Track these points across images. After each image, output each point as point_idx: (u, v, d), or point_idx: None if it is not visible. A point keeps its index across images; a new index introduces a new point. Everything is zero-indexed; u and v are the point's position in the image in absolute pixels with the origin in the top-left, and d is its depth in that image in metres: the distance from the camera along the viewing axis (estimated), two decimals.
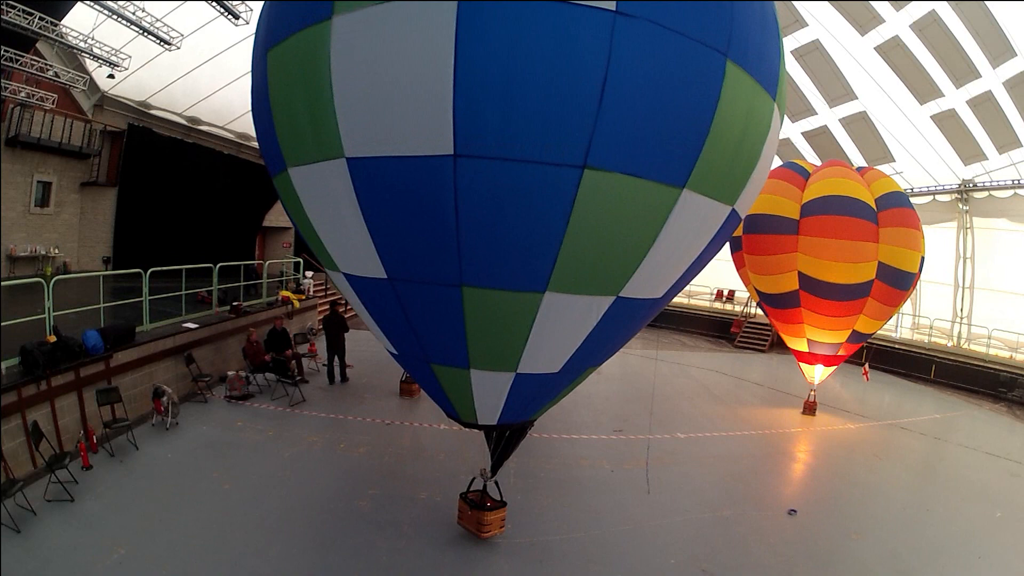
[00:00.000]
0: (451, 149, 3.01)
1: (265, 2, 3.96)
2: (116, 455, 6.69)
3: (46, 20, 10.28)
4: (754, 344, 17.28)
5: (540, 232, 3.25)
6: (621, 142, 3.05)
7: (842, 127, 15.54)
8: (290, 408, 8.67)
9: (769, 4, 3.78)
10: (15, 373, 6.27)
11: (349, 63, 3.09)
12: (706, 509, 6.26)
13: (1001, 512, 6.82)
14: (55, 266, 13.74)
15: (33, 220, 13.49)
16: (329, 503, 5.95)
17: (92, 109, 14.43)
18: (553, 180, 3.07)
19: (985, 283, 15.44)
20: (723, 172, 3.57)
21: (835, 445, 8.88)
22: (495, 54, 2.86)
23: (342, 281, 4.28)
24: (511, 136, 2.97)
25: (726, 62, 3.21)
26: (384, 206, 3.38)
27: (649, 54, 2.97)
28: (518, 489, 6.26)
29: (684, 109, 3.16)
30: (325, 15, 3.12)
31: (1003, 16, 12.00)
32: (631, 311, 3.99)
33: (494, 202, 3.15)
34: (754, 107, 3.54)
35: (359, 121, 3.17)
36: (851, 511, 6.52)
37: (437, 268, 3.47)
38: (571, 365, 4.19)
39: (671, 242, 3.59)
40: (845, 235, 8.64)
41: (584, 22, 2.85)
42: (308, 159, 3.57)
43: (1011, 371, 13.33)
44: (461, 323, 3.68)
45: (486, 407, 4.36)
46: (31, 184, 13.31)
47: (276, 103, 3.64)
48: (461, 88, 2.88)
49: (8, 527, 5.03)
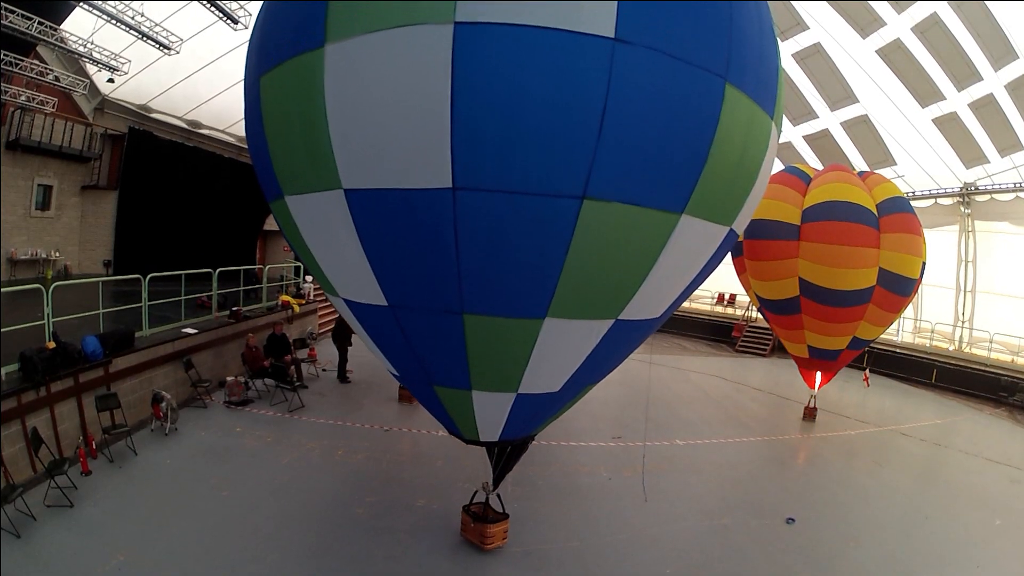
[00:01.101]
0: (450, 182, 2.99)
1: (256, 26, 3.91)
2: (115, 461, 6.71)
3: (45, 24, 10.30)
4: (755, 348, 17.26)
5: (540, 261, 3.26)
6: (620, 172, 3.04)
7: (843, 130, 15.50)
8: (289, 414, 8.69)
9: (767, 18, 3.75)
10: (15, 379, 6.29)
11: (343, 93, 3.05)
12: (704, 517, 6.25)
13: (1000, 520, 6.80)
14: (56, 269, 13.79)
15: (34, 223, 13.54)
16: (327, 510, 5.95)
17: (93, 112, 14.48)
18: (553, 211, 3.06)
19: (987, 286, 15.39)
20: (721, 194, 3.57)
21: (835, 451, 8.85)
22: (492, 84, 2.82)
23: (342, 305, 4.28)
24: (510, 168, 2.96)
25: (725, 85, 3.18)
26: (383, 236, 3.37)
27: (648, 82, 2.94)
28: (516, 497, 6.25)
29: (683, 135, 3.15)
30: (318, 43, 3.06)
31: (1005, 18, 11.97)
32: (630, 332, 4.02)
33: (494, 233, 3.14)
34: (752, 127, 3.52)
35: (355, 153, 3.14)
36: (850, 518, 6.50)
37: (438, 296, 3.47)
38: (571, 384, 4.22)
39: (669, 265, 3.60)
40: (846, 241, 8.59)
41: (583, 50, 2.81)
42: (305, 189, 3.55)
43: (1012, 375, 13.29)
44: (463, 348, 3.70)
45: (488, 425, 4.39)
46: (32, 187, 13.36)
47: (270, 130, 3.61)
48: (459, 121, 2.85)
49: (8, 532, 5.05)
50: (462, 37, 2.76)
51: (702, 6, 3.13)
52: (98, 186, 14.84)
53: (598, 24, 2.80)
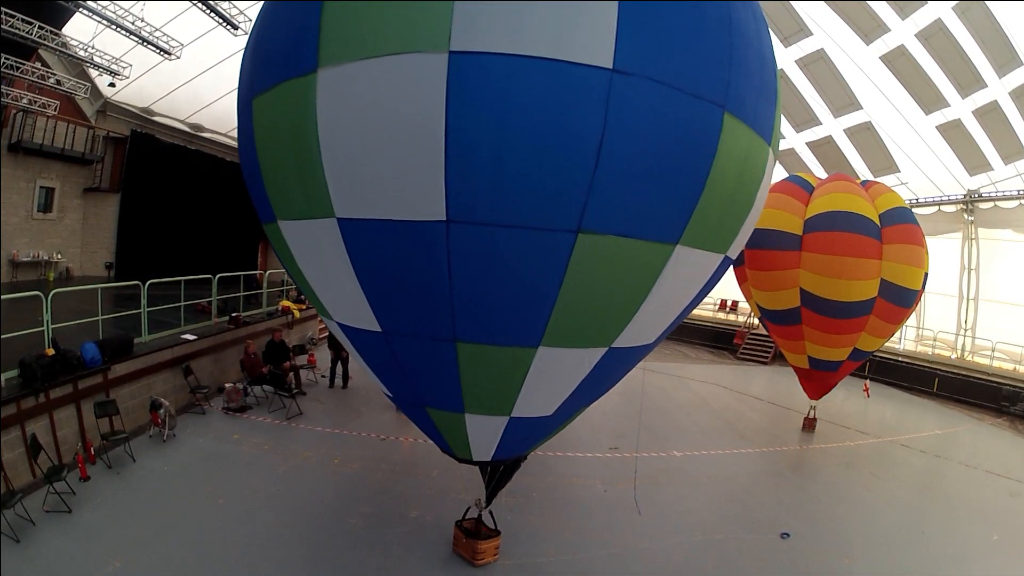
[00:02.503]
0: (443, 215, 2.96)
1: (248, 45, 3.87)
2: (114, 467, 6.76)
3: (46, 29, 10.36)
4: (757, 356, 17.18)
5: (534, 293, 3.25)
6: (616, 205, 3.00)
7: (847, 137, 15.42)
8: (286, 421, 8.71)
9: (767, 43, 3.70)
10: (14, 386, 6.35)
11: (336, 121, 3.01)
12: (697, 531, 6.23)
13: (998, 535, 6.75)
14: (58, 271, 13.90)
15: (36, 225, 13.65)
16: (321, 519, 5.98)
17: (95, 115, 14.57)
18: (547, 244, 3.04)
19: (989, 294, 15.29)
20: (717, 224, 3.55)
21: (833, 463, 8.81)
22: (488, 116, 2.77)
23: (335, 327, 4.29)
24: (505, 202, 2.92)
25: (723, 115, 3.13)
26: (377, 265, 3.36)
27: (646, 114, 2.89)
28: (510, 509, 6.25)
29: (680, 167, 3.11)
30: (310, 68, 3.02)
31: (1009, 24, 11.87)
32: (623, 358, 4.03)
33: (488, 265, 3.12)
34: (750, 155, 3.48)
35: (349, 183, 3.11)
36: (845, 533, 6.47)
37: (431, 324, 3.47)
38: (564, 408, 4.23)
39: (664, 294, 3.59)
40: (848, 252, 8.51)
41: (580, 82, 2.76)
42: (298, 215, 3.53)
43: (1014, 385, 13.19)
44: (456, 374, 3.70)
45: (481, 446, 4.40)
46: (34, 190, 13.46)
47: (263, 154, 3.59)
48: (453, 153, 2.80)
49: (8, 537, 5.13)
50: (457, 67, 2.72)
51: (703, 34, 3.08)
52: (100, 189, 14.94)
53: (596, 54, 2.76)
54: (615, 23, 2.76)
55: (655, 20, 2.89)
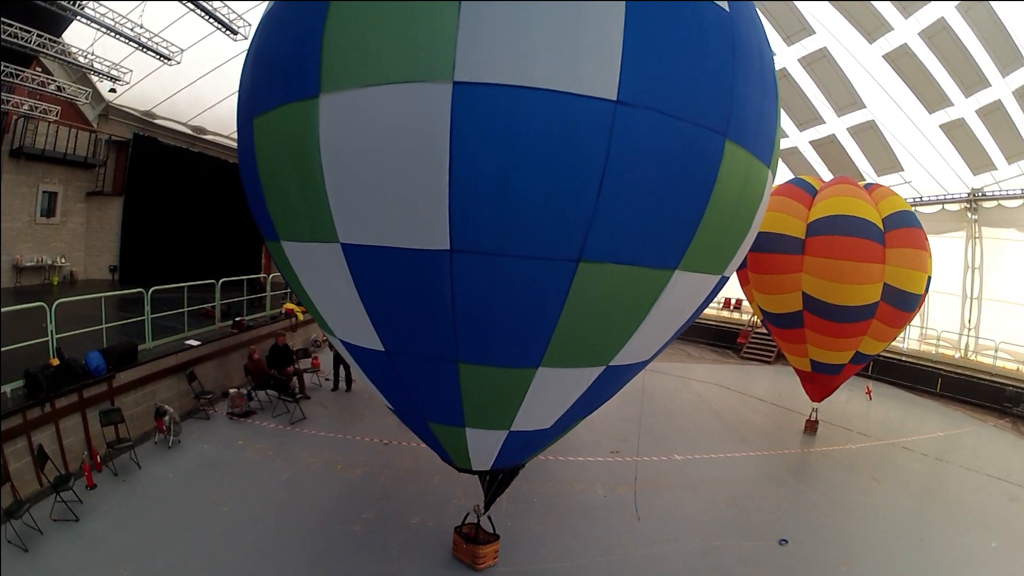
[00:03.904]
0: (447, 244, 2.99)
1: (248, 60, 3.84)
2: (119, 474, 6.85)
3: (45, 37, 10.38)
4: (760, 355, 17.13)
5: (535, 319, 3.30)
6: (617, 235, 3.03)
7: (850, 136, 15.33)
8: (290, 426, 8.78)
9: (768, 59, 3.68)
10: (20, 396, 6.43)
11: (339, 148, 3.00)
12: (695, 538, 6.27)
13: (997, 541, 6.75)
14: (62, 275, 13.99)
15: (39, 230, 13.73)
16: (323, 526, 6.05)
17: (97, 119, 14.61)
18: (549, 273, 3.08)
19: (993, 294, 15.23)
20: (715, 248, 3.58)
21: (833, 467, 8.82)
22: (491, 147, 2.77)
23: (338, 343, 4.34)
24: (508, 233, 2.95)
25: (725, 142, 3.14)
26: (381, 289, 3.39)
27: (648, 145, 2.90)
28: (509, 515, 6.31)
29: (682, 196, 3.13)
30: (312, 92, 3.00)
31: (1013, 24, 11.76)
32: (620, 374, 4.09)
33: (490, 292, 3.16)
34: (749, 180, 3.49)
35: (352, 210, 3.12)
36: (843, 540, 6.49)
37: (434, 346, 3.52)
38: (562, 420, 4.31)
39: (661, 316, 3.63)
40: (851, 256, 8.48)
41: (584, 113, 2.75)
42: (301, 238, 3.55)
43: (1017, 385, 13.15)
44: (457, 392, 3.76)
45: (480, 457, 4.47)
46: (36, 194, 13.53)
47: (265, 174, 3.59)
48: (457, 184, 2.81)
49: (17, 546, 5.22)
50: (461, 97, 2.70)
51: (707, 62, 3.07)
52: (103, 192, 15.01)
53: (600, 86, 2.74)
54: (619, 54, 2.75)
55: (660, 50, 2.88)
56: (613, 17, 2.76)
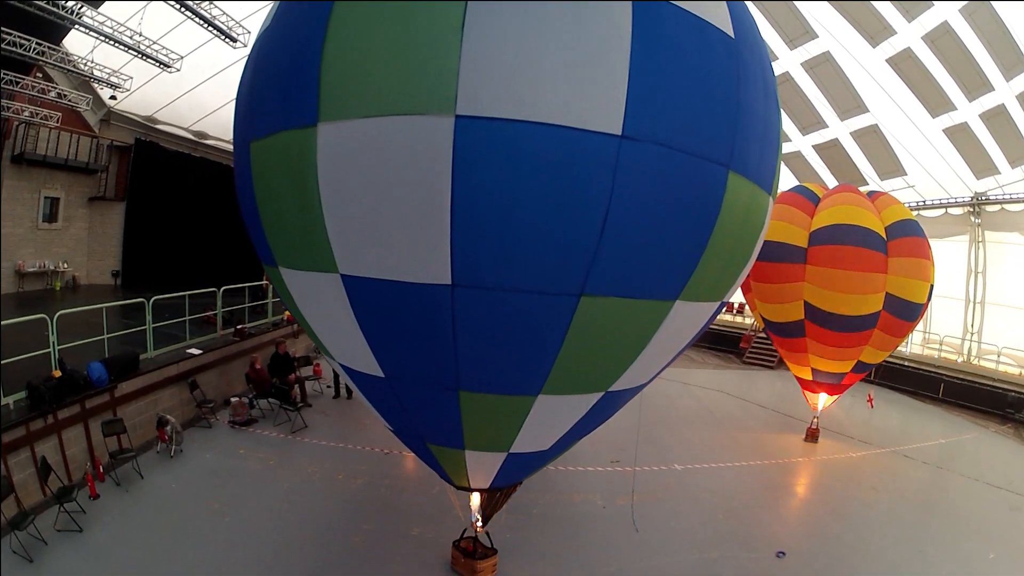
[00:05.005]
0: (448, 279, 2.96)
1: (243, 79, 3.77)
2: (122, 484, 6.89)
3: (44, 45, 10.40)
4: (763, 360, 17.06)
5: (536, 350, 3.30)
6: (620, 270, 3.01)
7: (853, 140, 15.27)
8: (292, 435, 8.82)
9: (772, 86, 3.63)
10: (23, 407, 6.48)
11: (338, 180, 2.95)
12: (693, 549, 6.28)
13: (995, 552, 6.75)
14: (64, 281, 14.05)
15: (41, 235, 13.78)
16: (324, 537, 6.08)
17: (99, 124, 14.65)
18: (551, 307, 3.06)
19: (996, 298, 15.17)
20: (716, 278, 3.57)
21: (834, 477, 8.81)
22: (494, 182, 2.72)
23: (337, 366, 4.35)
24: (510, 269, 2.92)
25: (728, 173, 3.11)
26: (381, 319, 3.38)
27: (652, 179, 2.86)
28: (508, 526, 6.32)
29: (684, 229, 3.11)
30: (310, 120, 2.93)
31: (1017, 27, 11.68)
32: (619, 398, 4.14)
33: (491, 325, 3.15)
34: (751, 208, 3.47)
35: (352, 243, 3.10)
36: (841, 552, 6.49)
37: (434, 374, 3.52)
38: (561, 442, 4.34)
39: (660, 344, 3.63)
40: (853, 266, 8.46)
41: (588, 149, 2.70)
42: (300, 266, 3.52)
43: (1018, 391, 13.11)
44: (458, 418, 3.77)
45: (479, 476, 4.51)
46: (38, 200, 13.58)
47: (263, 202, 3.56)
48: (459, 219, 2.77)
49: (21, 556, 5.29)
50: (463, 131, 2.63)
51: (712, 94, 3.02)
52: (105, 197, 15.07)
53: (605, 121, 2.69)
54: (625, 88, 2.69)
55: (665, 82, 2.83)
56: (619, 49, 2.70)
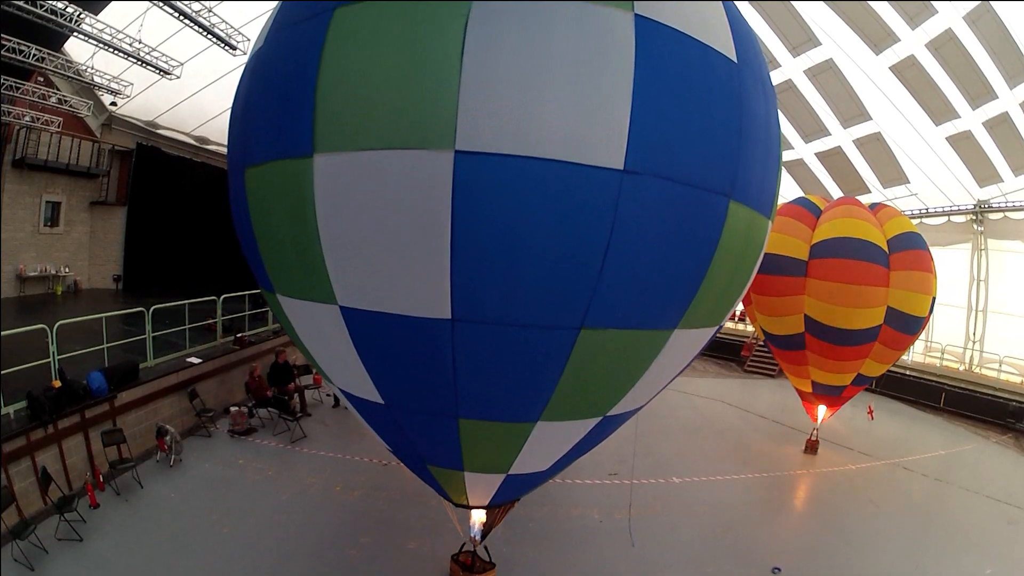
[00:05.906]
0: (448, 314, 2.95)
1: (237, 100, 3.76)
2: (122, 493, 6.93)
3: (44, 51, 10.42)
4: (764, 369, 16.98)
5: (535, 381, 3.31)
6: (620, 303, 3.00)
7: (856, 148, 15.22)
8: (291, 445, 8.83)
9: (773, 111, 3.62)
10: (23, 417, 6.52)
11: (336, 212, 2.90)
12: (690, 564, 6.28)
13: (992, 567, 6.72)
14: (65, 285, 14.10)
15: (43, 240, 13.81)
16: (321, 550, 6.11)
17: (100, 129, 14.68)
18: (551, 340, 3.06)
19: (998, 306, 15.11)
20: (715, 305, 3.56)
21: (832, 490, 8.79)
22: (494, 218, 2.70)
23: (336, 390, 4.36)
24: (510, 304, 2.91)
25: (729, 203, 3.10)
26: (380, 351, 3.37)
27: (653, 213, 2.84)
28: (505, 540, 6.32)
29: (684, 261, 3.09)
30: (305, 150, 2.89)
31: (1021, 34, 11.61)
32: (617, 421, 4.16)
33: (491, 358, 3.15)
34: (750, 235, 3.46)
35: (350, 275, 3.07)
36: (838, 568, 6.46)
37: (434, 403, 3.52)
38: (559, 463, 4.38)
39: (659, 369, 3.64)
40: (854, 280, 8.39)
41: (590, 184, 2.68)
42: (298, 295, 3.49)
43: (1020, 400, 13.06)
44: (457, 443, 3.78)
45: (478, 495, 4.52)
46: (40, 204, 13.61)
47: (260, 230, 3.52)
48: (459, 255, 2.75)
49: (22, 564, 5.36)
50: (463, 167, 2.60)
51: (714, 124, 2.99)
52: (107, 202, 15.11)
53: (607, 156, 2.66)
54: (627, 121, 2.66)
55: (668, 114, 2.80)
56: (622, 82, 2.66)
